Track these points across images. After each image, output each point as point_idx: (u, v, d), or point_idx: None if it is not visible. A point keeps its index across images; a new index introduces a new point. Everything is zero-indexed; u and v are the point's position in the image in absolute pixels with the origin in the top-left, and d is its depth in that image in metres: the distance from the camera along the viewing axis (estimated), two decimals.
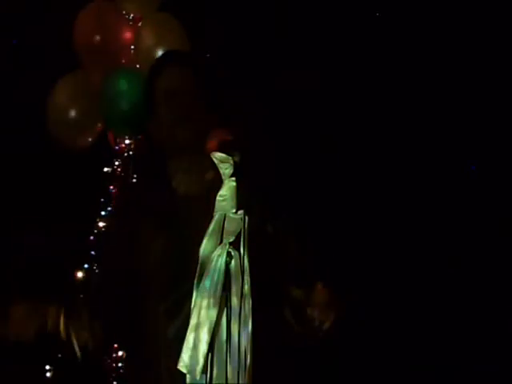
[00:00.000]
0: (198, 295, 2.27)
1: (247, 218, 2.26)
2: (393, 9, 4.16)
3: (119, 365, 3.52)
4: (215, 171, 2.58)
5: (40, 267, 3.86)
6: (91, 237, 3.63)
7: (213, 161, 2.52)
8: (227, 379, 2.20)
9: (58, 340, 2.55)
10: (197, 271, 2.30)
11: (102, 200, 3.66)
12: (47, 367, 3.56)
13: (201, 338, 2.22)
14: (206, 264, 2.30)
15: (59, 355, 3.40)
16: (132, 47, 3.64)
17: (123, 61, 3.65)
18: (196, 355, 2.22)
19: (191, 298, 2.28)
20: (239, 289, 2.23)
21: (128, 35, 3.64)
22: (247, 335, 2.21)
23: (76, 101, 3.62)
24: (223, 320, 2.23)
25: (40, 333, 2.53)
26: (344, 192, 4.08)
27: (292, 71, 4.07)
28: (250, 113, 3.92)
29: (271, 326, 2.51)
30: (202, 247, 2.32)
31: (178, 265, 2.57)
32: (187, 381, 2.25)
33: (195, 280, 2.29)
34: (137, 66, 3.62)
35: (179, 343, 2.27)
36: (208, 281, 2.26)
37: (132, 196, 2.90)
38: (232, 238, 2.29)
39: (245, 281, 2.24)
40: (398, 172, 4.13)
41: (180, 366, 2.26)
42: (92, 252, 3.61)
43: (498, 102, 4.12)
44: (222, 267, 2.25)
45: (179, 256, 2.58)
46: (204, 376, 2.22)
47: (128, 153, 3.71)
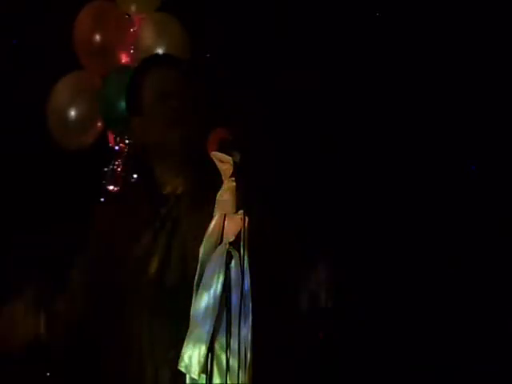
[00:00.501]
0: (198, 295, 2.28)
1: (247, 218, 2.26)
2: (393, 9, 4.16)
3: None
4: (204, 173, 2.59)
5: (39, 267, 3.87)
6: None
7: (201, 162, 2.53)
8: (227, 379, 2.20)
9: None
10: (197, 271, 2.30)
11: (102, 200, 3.66)
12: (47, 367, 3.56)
13: (201, 338, 2.22)
14: (206, 264, 2.30)
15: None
16: (132, 47, 3.64)
17: (123, 61, 3.65)
18: (196, 355, 2.22)
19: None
20: (239, 289, 2.23)
21: (128, 35, 3.64)
22: (247, 335, 2.21)
23: (76, 101, 3.62)
24: (223, 320, 2.23)
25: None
26: (344, 192, 4.08)
27: (292, 71, 4.07)
28: (250, 113, 3.92)
29: (271, 326, 2.51)
30: (202, 247, 2.32)
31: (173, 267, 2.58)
32: (187, 381, 2.25)
33: (195, 280, 2.30)
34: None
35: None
36: (208, 281, 2.26)
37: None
38: (232, 238, 2.29)
39: (245, 281, 2.24)
40: (398, 172, 4.13)
41: (180, 366, 2.26)
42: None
43: (498, 102, 4.12)
44: (222, 267, 2.25)
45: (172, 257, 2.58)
46: (204, 376, 2.22)
47: (128, 153, 3.71)
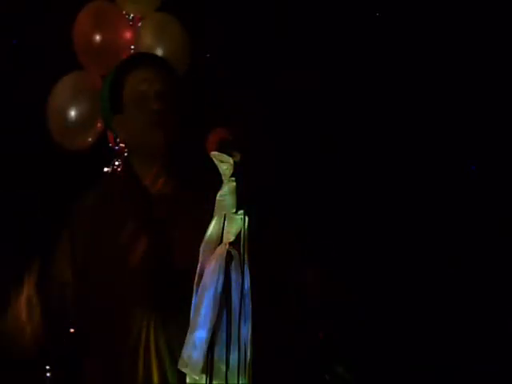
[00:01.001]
0: (198, 295, 2.28)
1: (247, 218, 2.26)
2: (393, 9, 4.16)
3: None
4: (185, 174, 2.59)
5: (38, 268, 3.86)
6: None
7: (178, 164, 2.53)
8: (227, 379, 2.20)
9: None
10: (197, 271, 2.30)
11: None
12: (47, 367, 3.56)
13: (201, 338, 2.22)
14: (206, 264, 2.30)
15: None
16: (132, 47, 3.64)
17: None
18: (196, 355, 2.22)
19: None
20: (239, 289, 2.23)
21: (128, 35, 3.64)
22: (247, 335, 2.21)
23: (76, 101, 3.62)
24: (223, 320, 2.23)
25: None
26: (344, 192, 4.09)
27: (292, 71, 4.07)
28: (250, 113, 3.92)
29: (271, 326, 2.51)
30: (202, 247, 2.32)
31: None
32: (187, 381, 2.26)
33: (195, 280, 2.30)
34: None
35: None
36: (208, 281, 2.26)
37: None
38: (232, 238, 2.29)
39: (245, 281, 2.24)
40: (398, 172, 4.13)
41: (180, 366, 2.26)
42: None
43: (498, 102, 4.12)
44: (222, 267, 2.25)
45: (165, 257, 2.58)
46: (204, 376, 2.22)
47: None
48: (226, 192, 2.33)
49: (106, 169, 3.72)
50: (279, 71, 4.08)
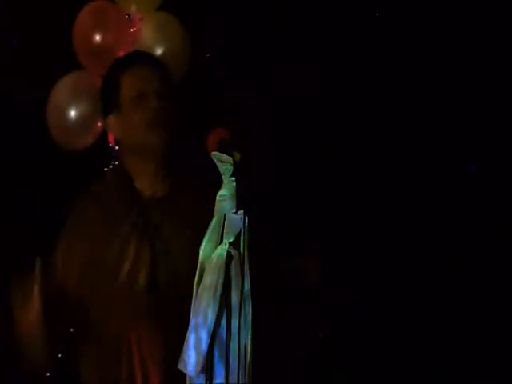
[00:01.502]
0: (198, 295, 2.27)
1: (247, 218, 2.26)
2: (393, 9, 4.16)
3: None
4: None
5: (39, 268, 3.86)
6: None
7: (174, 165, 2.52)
8: (227, 379, 2.20)
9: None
10: (197, 271, 2.30)
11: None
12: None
13: (201, 338, 2.22)
14: (206, 264, 2.30)
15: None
16: (132, 47, 3.64)
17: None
18: (196, 355, 2.22)
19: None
20: (239, 289, 2.23)
21: (128, 35, 3.64)
22: (247, 335, 2.21)
23: (76, 101, 3.61)
24: (223, 320, 2.23)
25: None
26: (344, 192, 4.09)
27: (292, 71, 4.07)
28: (250, 113, 3.92)
29: (271, 326, 2.51)
30: (202, 247, 2.32)
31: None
32: (187, 381, 2.25)
33: (195, 280, 2.29)
34: None
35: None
36: (208, 281, 2.26)
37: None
38: (232, 238, 2.29)
39: (245, 281, 2.24)
40: (398, 172, 4.13)
41: (180, 366, 2.26)
42: None
43: (498, 102, 4.12)
44: (222, 267, 2.25)
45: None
46: (204, 376, 2.22)
47: None
48: (226, 192, 2.33)
49: (106, 169, 3.72)
50: (279, 71, 4.08)
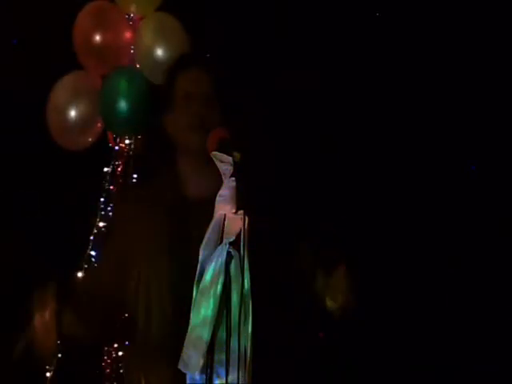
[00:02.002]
0: (198, 295, 2.27)
1: (247, 218, 2.26)
2: (393, 9, 4.16)
3: (119, 365, 3.52)
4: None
5: (39, 268, 3.87)
6: (91, 237, 3.63)
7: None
8: (227, 379, 2.20)
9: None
10: (197, 271, 2.30)
11: (102, 200, 3.67)
12: (47, 367, 3.57)
13: (201, 338, 2.22)
14: (206, 264, 2.30)
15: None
16: (132, 47, 3.64)
17: (123, 61, 3.65)
18: (196, 355, 2.22)
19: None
20: (239, 289, 2.23)
21: (128, 35, 3.64)
22: (247, 335, 2.21)
23: (76, 101, 3.62)
24: (223, 320, 2.23)
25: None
26: (344, 192, 4.09)
27: (292, 71, 4.07)
28: (250, 113, 3.91)
29: (271, 326, 2.51)
30: (202, 247, 2.32)
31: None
32: (187, 381, 2.26)
33: (195, 280, 2.30)
34: (137, 66, 3.62)
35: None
36: (208, 281, 2.26)
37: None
38: (232, 238, 2.29)
39: (245, 281, 2.24)
40: (398, 172, 4.13)
41: (180, 366, 2.26)
42: (92, 252, 3.62)
43: (498, 102, 4.12)
44: (222, 267, 2.25)
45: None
46: (204, 376, 2.22)
47: (128, 153, 3.71)
48: (226, 192, 2.33)
49: (106, 169, 3.72)
50: (279, 71, 4.08)
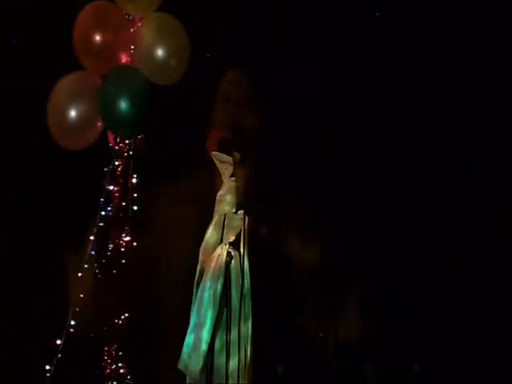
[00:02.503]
0: (198, 295, 2.28)
1: (247, 218, 2.26)
2: (393, 9, 4.16)
3: (119, 365, 3.53)
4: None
5: (39, 267, 3.87)
6: (91, 237, 3.64)
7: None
8: (227, 379, 2.20)
9: None
10: (197, 271, 2.31)
11: (102, 200, 3.67)
12: (47, 367, 3.57)
13: (201, 338, 2.22)
14: (206, 264, 2.30)
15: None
16: (132, 47, 3.64)
17: (123, 61, 3.65)
18: (196, 355, 2.23)
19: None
20: (239, 289, 2.24)
21: (128, 35, 3.64)
22: (247, 335, 2.22)
23: (76, 101, 3.62)
24: (223, 320, 2.23)
25: None
26: (344, 192, 4.09)
27: (292, 71, 4.07)
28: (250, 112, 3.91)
29: (271, 326, 2.51)
30: (202, 247, 2.33)
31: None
32: (187, 381, 2.26)
33: (195, 280, 2.30)
34: (137, 66, 3.63)
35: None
36: (208, 281, 2.26)
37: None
38: (232, 238, 2.30)
39: (245, 281, 2.25)
40: (398, 172, 4.13)
41: (180, 366, 2.26)
42: (92, 252, 3.62)
43: (498, 103, 4.12)
44: (222, 267, 2.26)
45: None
46: (204, 376, 2.23)
47: (128, 153, 3.72)
48: (226, 192, 2.33)
49: (106, 169, 3.73)
50: (279, 71, 4.07)
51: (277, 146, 4.00)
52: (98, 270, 3.50)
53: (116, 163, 3.72)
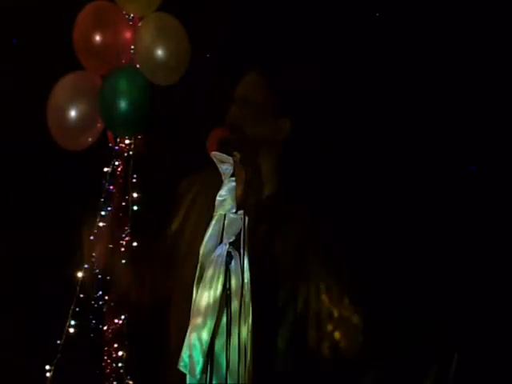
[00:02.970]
0: (198, 295, 2.28)
1: (247, 218, 2.26)
2: (393, 9, 4.16)
3: (119, 365, 3.52)
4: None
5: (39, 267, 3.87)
6: (91, 237, 3.63)
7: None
8: (227, 379, 2.20)
9: None
10: (197, 271, 2.30)
11: (102, 200, 3.67)
12: (47, 367, 3.57)
13: (201, 338, 2.22)
14: (206, 264, 2.30)
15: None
16: (132, 47, 3.64)
17: (123, 61, 3.65)
18: (196, 355, 2.22)
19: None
20: (239, 289, 2.23)
21: (128, 35, 3.64)
22: (247, 334, 2.21)
23: (76, 101, 3.62)
24: (223, 320, 2.23)
25: None
26: (344, 192, 4.09)
27: (292, 71, 4.07)
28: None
29: (271, 326, 2.51)
30: (202, 247, 2.32)
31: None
32: (187, 381, 2.26)
33: (195, 280, 2.30)
34: (137, 66, 3.62)
35: None
36: (208, 281, 2.26)
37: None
38: (232, 238, 2.30)
39: (245, 281, 2.25)
40: (398, 172, 4.13)
41: (180, 366, 2.26)
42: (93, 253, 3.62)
43: (498, 102, 4.12)
44: (222, 267, 2.26)
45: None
46: (204, 376, 2.22)
47: (128, 153, 3.72)
48: (226, 192, 2.33)
49: (106, 169, 3.73)
50: (279, 71, 4.07)
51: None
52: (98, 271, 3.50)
53: (116, 163, 3.72)
